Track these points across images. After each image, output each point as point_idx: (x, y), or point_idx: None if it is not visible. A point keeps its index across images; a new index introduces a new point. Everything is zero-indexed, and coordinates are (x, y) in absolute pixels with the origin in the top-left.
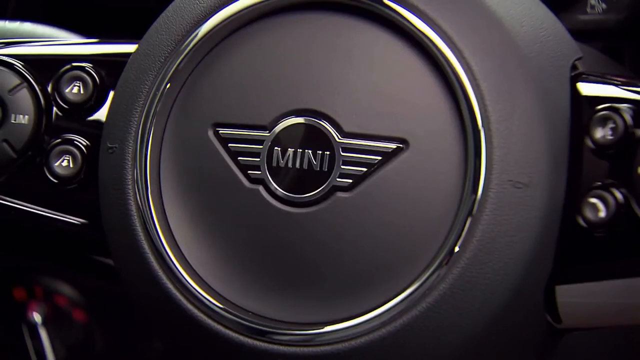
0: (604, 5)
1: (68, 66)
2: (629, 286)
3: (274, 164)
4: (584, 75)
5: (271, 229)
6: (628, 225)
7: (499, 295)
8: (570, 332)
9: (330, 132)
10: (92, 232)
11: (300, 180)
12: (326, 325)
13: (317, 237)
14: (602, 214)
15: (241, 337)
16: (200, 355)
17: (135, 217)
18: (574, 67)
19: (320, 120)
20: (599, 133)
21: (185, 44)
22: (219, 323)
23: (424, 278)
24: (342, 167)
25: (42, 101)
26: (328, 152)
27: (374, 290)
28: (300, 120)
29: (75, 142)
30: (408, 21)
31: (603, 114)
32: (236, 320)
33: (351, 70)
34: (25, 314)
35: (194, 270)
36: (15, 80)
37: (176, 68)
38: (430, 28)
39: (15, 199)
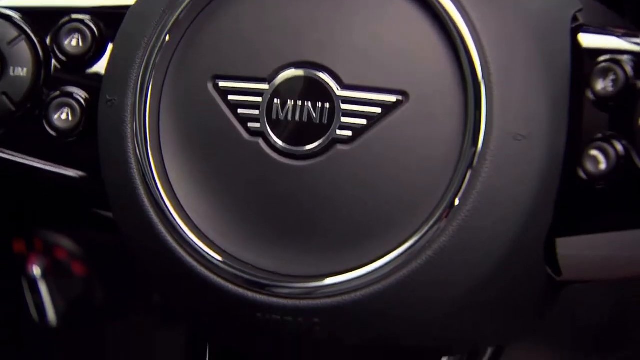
0: None
1: (67, 18)
2: (629, 238)
3: (274, 117)
4: (584, 27)
5: (271, 181)
6: (628, 177)
7: (499, 248)
8: (571, 285)
9: (329, 85)
10: (92, 185)
11: (300, 133)
12: (326, 278)
13: (317, 190)
14: (603, 166)
15: (241, 290)
16: (200, 308)
17: (135, 170)
18: (574, 18)
19: (320, 72)
20: (600, 85)
21: None
22: (218, 276)
23: (424, 231)
24: (342, 119)
25: (41, 54)
26: (328, 105)
27: (373, 243)
28: (300, 72)
29: (74, 95)
30: None
31: (604, 66)
32: (236, 273)
33: (351, 22)
34: (25, 267)
35: (194, 224)
36: (13, 33)
37: (176, 19)
38: None
39: (15, 152)
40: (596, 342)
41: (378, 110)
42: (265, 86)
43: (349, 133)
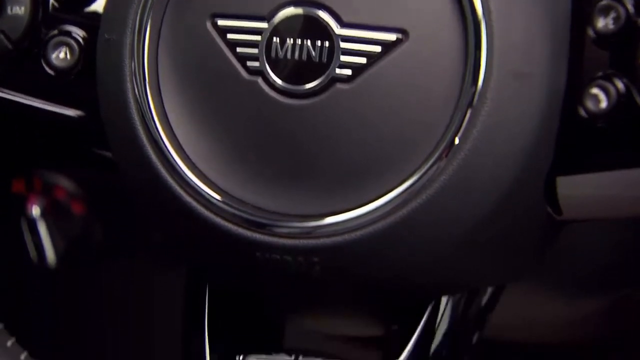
0: None
1: None
2: (629, 177)
3: (273, 55)
4: None
5: (270, 120)
6: (629, 115)
7: (500, 187)
8: (571, 224)
9: (329, 23)
10: (91, 124)
11: (299, 72)
12: (325, 217)
13: (316, 129)
14: (604, 104)
15: (240, 230)
16: (199, 247)
17: (134, 109)
18: None
19: (319, 10)
20: (601, 22)
21: None
22: (217, 215)
23: (423, 170)
24: (342, 58)
25: None
26: (327, 43)
27: (373, 182)
28: (299, 10)
29: (72, 33)
30: None
31: (605, 3)
32: (235, 212)
33: None
34: (24, 207)
35: (193, 163)
36: None
37: None
38: None
39: (13, 91)
40: (596, 281)
41: (378, 48)
42: (264, 24)
43: (348, 72)
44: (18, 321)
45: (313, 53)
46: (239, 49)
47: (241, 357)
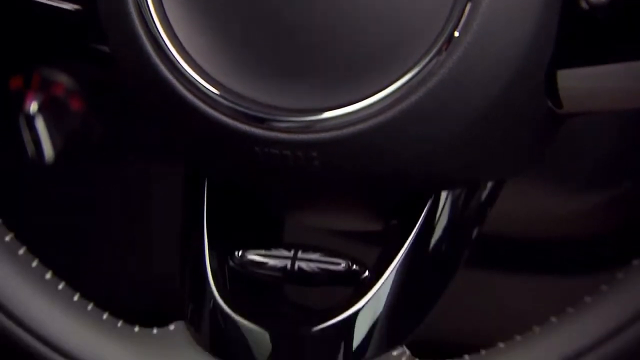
0: None
1: None
2: (629, 69)
3: None
4: None
5: (268, 14)
6: (630, 7)
7: (500, 81)
8: (572, 119)
9: None
10: (88, 18)
11: None
12: (324, 111)
13: (315, 23)
14: None
15: (238, 124)
16: (198, 142)
17: (131, 3)
18: None
19: None
20: None
21: None
22: (216, 110)
23: (423, 63)
24: None
25: None
26: None
27: (372, 76)
28: None
29: None
30: None
31: None
32: (234, 107)
33: None
34: (22, 104)
35: (191, 57)
36: None
37: None
38: None
39: None
40: (596, 175)
41: None
42: None
43: None
44: (16, 217)
45: None
46: None
47: (240, 253)
